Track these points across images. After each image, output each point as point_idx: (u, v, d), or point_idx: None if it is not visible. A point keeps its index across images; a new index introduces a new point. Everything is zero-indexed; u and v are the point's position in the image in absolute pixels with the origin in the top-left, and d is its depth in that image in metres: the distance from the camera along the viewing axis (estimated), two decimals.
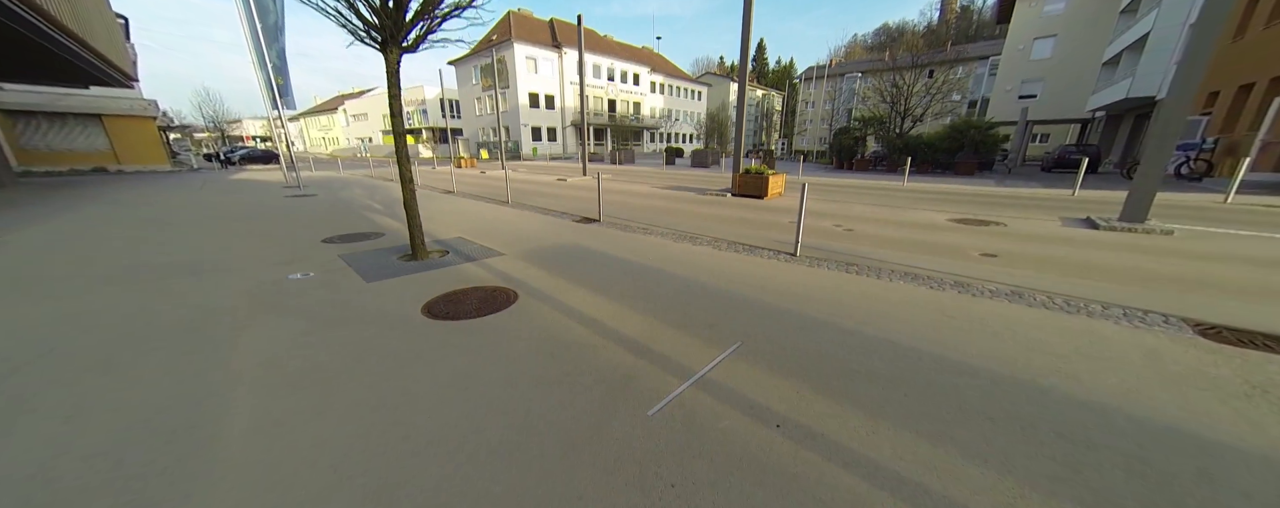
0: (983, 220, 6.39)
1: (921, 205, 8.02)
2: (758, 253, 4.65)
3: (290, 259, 4.21)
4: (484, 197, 9.97)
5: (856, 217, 6.84)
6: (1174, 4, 16.52)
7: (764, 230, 5.86)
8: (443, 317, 2.79)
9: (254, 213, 7.35)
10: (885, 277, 3.77)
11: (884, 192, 10.46)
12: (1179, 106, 5.23)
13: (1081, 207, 7.73)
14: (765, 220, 6.60)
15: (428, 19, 3.59)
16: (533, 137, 33.59)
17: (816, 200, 8.66)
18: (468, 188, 12.10)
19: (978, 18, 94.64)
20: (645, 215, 7.15)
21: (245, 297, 3.14)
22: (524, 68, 31.48)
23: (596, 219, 6.72)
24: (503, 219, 6.76)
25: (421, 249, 4.19)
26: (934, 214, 7.01)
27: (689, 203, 8.64)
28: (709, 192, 10.07)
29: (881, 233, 5.66)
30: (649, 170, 19.37)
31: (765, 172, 8.95)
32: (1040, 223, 6.17)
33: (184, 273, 3.77)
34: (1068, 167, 17.45)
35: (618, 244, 4.95)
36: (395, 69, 3.65)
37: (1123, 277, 3.76)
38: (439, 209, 7.80)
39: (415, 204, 4.06)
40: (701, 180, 13.97)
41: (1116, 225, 5.49)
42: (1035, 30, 27.60)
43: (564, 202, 8.97)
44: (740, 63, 8.84)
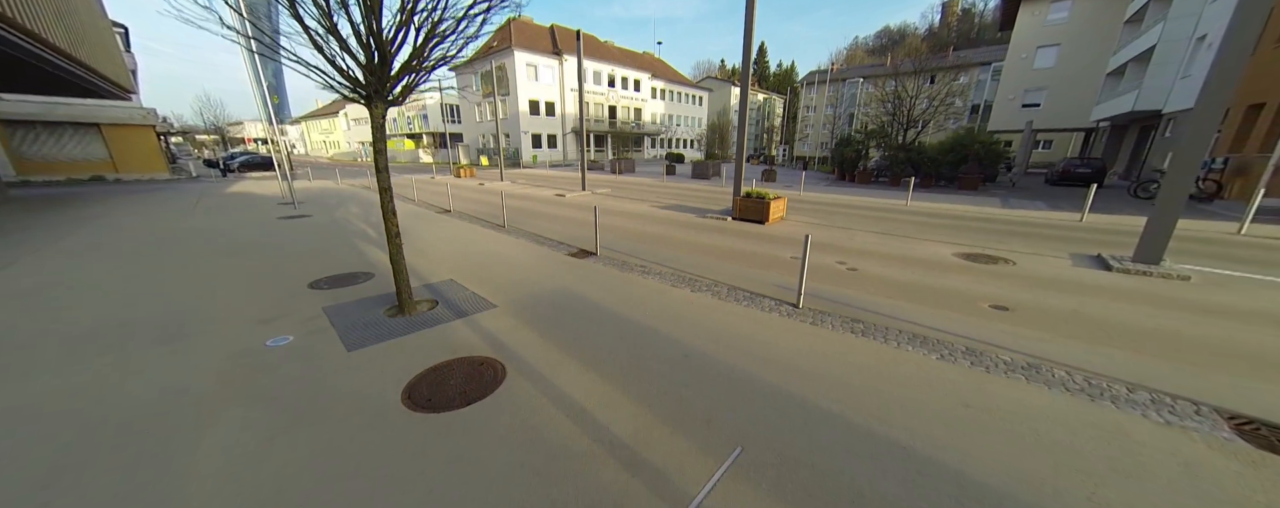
0: (990, 257, 6.20)
1: (927, 234, 7.84)
2: (759, 302, 4.48)
3: (272, 315, 4.04)
4: (481, 217, 9.81)
5: (860, 250, 6.66)
6: (1180, 18, 16.34)
7: (765, 269, 5.68)
8: (424, 406, 2.62)
9: (244, 242, 7.19)
10: (893, 339, 3.59)
11: (887, 214, 10.27)
12: (1199, 139, 5.04)
13: (1091, 236, 7.55)
14: (767, 255, 6.42)
15: (413, 73, 3.43)
16: (533, 144, 33.47)
17: (818, 228, 8.49)
18: (465, 205, 11.95)
19: (979, 20, 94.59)
20: (643, 246, 6.97)
21: (215, 376, 2.97)
22: (524, 75, 31.38)
23: (593, 252, 6.55)
24: (497, 252, 6.59)
25: (408, 303, 4.02)
26: (940, 247, 6.83)
27: (689, 229, 8.46)
28: (709, 214, 9.90)
29: (886, 273, 5.48)
30: (649, 182, 19.21)
31: (767, 196, 8.78)
32: (1050, 261, 5.98)
33: (156, 336, 3.60)
34: (1073, 181, 17.27)
35: (613, 291, 4.78)
36: (381, 123, 3.48)
37: (1144, 341, 3.58)
38: (433, 236, 7.63)
39: (402, 259, 3.89)
40: (701, 196, 13.81)
41: (1130, 268, 5.30)
42: (1038, 39, 27.40)
43: (561, 225, 8.80)
44: (742, 85, 8.67)
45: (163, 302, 4.40)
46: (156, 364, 3.12)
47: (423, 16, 3.19)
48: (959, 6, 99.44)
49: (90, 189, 16.47)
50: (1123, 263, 5.47)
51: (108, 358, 3.21)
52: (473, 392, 2.77)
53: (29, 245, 6.79)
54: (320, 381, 2.91)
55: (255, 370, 3.03)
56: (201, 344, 3.43)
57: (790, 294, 4.65)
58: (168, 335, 3.58)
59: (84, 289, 4.80)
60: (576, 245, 7.02)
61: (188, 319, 3.94)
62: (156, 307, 4.26)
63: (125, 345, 3.42)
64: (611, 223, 9.05)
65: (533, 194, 14.56)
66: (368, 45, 3.14)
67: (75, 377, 2.96)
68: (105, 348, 3.37)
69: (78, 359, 3.20)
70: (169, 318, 3.97)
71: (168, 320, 3.91)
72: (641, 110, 41.20)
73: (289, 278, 5.19)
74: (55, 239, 7.25)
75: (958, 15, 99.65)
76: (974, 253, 6.44)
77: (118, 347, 3.39)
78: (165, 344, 3.42)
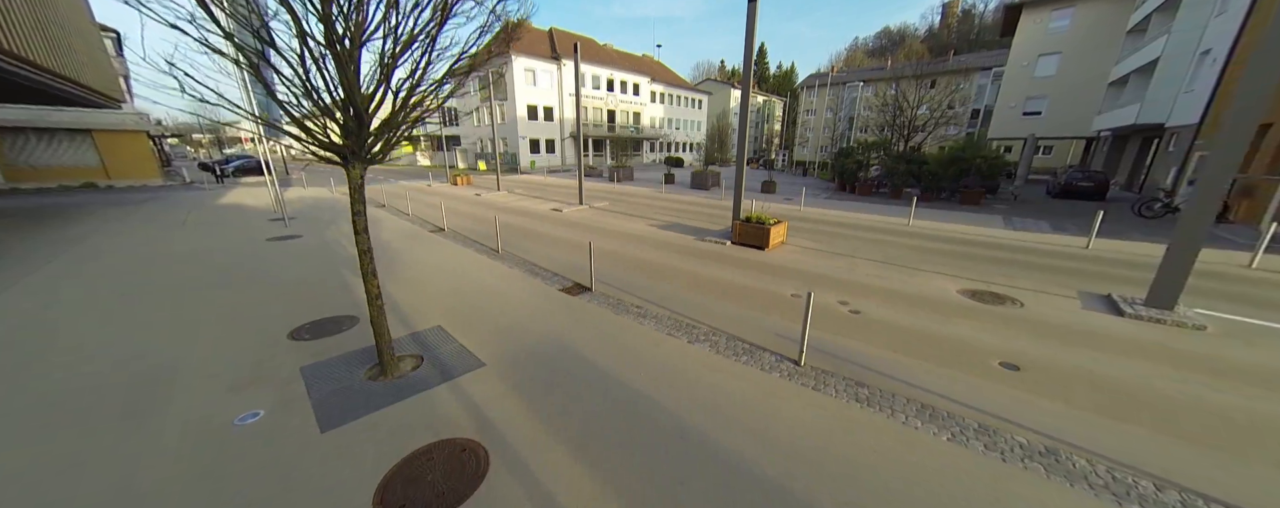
0: (997, 296, 6.02)
1: (929, 263, 7.65)
2: (759, 357, 4.29)
3: (246, 378, 3.83)
4: (475, 239, 9.59)
5: (862, 285, 6.47)
6: (1185, 32, 16.20)
7: (766, 311, 5.48)
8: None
9: (229, 272, 6.97)
10: (901, 410, 3.40)
11: (888, 237, 10.09)
12: (1223, 171, 4.80)
13: (1099, 269, 7.36)
14: (767, 293, 6.23)
15: (391, 131, 3.22)
16: (531, 149, 33.23)
17: (819, 256, 8.29)
18: (460, 221, 11.72)
19: (979, 21, 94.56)
20: (639, 278, 6.77)
21: (171, 465, 2.76)
22: (522, 80, 31.14)
23: (587, 287, 6.35)
24: (489, 287, 6.39)
25: (391, 364, 3.82)
26: (944, 281, 6.65)
27: (686, 255, 8.26)
28: (708, 237, 9.70)
29: (890, 317, 5.29)
30: (647, 193, 19.00)
31: (766, 222, 8.58)
32: (1058, 302, 5.80)
33: (116, 408, 3.38)
34: (1075, 195, 17.13)
35: (606, 341, 4.58)
36: (360, 184, 3.28)
37: (1165, 413, 3.39)
38: (425, 264, 7.42)
39: (383, 320, 3.68)
40: (700, 212, 13.61)
41: (1142, 314, 5.12)
42: (1040, 47, 27.25)
43: (556, 250, 8.59)
44: (741, 113, 8.47)
45: (133, 356, 4.19)
46: (108, 449, 2.91)
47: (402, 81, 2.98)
48: (959, 8, 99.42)
49: (81, 199, 16.21)
50: (1134, 307, 5.29)
51: (55, 441, 3.00)
52: (452, 490, 2.56)
53: (2, 279, 6.56)
54: (287, 473, 2.71)
55: (218, 459, 2.82)
56: (164, 420, 3.22)
57: (792, 347, 4.46)
58: (129, 407, 3.37)
59: (50, 339, 4.59)
60: (571, 279, 6.81)
61: (156, 381, 3.73)
62: (125, 364, 4.05)
63: (82, 420, 3.21)
64: (607, 247, 8.85)
65: (529, 208, 14.35)
66: (345, 108, 2.94)
67: (10, 464, 2.75)
68: (56, 424, 3.16)
69: (21, 441, 2.99)
70: (136, 379, 3.76)
71: (135, 382, 3.70)
72: (640, 114, 40.99)
73: (271, 323, 4.98)
74: (32, 269, 7.02)
75: (958, 16, 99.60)
76: (979, 290, 6.26)
77: (72, 422, 3.18)
78: (126, 418, 3.21)
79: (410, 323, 5.03)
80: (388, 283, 6.42)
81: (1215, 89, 13.59)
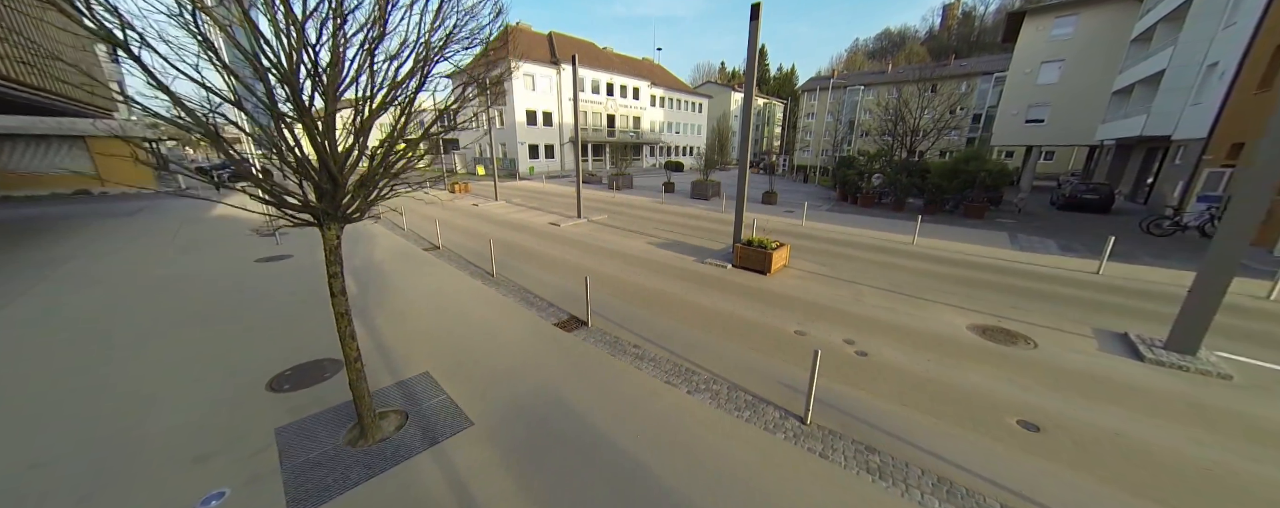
0: (1009, 333, 5.79)
1: (937, 292, 7.43)
2: (762, 412, 4.06)
3: (217, 445, 3.60)
4: (470, 260, 9.35)
5: (869, 320, 6.24)
6: (1191, 43, 15.99)
7: (770, 353, 5.25)
8: None
9: (212, 302, 6.73)
10: (915, 485, 3.18)
11: (893, 258, 9.86)
12: (1258, 200, 4.41)
13: (1112, 300, 7.13)
14: (771, 329, 6.00)
15: (370, 188, 2.99)
16: (530, 154, 33.00)
17: (823, 283, 8.06)
18: (455, 237, 11.49)
19: (980, 23, 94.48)
20: (638, 310, 6.54)
21: None
22: (521, 85, 30.90)
23: (584, 321, 6.12)
24: (482, 321, 6.15)
25: (372, 426, 3.58)
26: (953, 315, 6.42)
27: (686, 281, 8.03)
28: (708, 259, 9.46)
29: (899, 360, 5.07)
30: (646, 203, 18.77)
31: (768, 245, 8.36)
32: (1073, 341, 5.57)
33: (68, 495, 3.13)
34: (1080, 207, 16.91)
35: (602, 393, 4.35)
36: (335, 245, 3.05)
37: (1203, 491, 3.16)
38: (416, 291, 7.17)
39: (362, 384, 3.45)
40: (700, 228, 13.38)
41: (1163, 359, 4.89)
42: (1042, 54, 27.04)
43: (553, 273, 8.35)
44: (742, 134, 8.25)
45: (98, 418, 3.95)
46: None
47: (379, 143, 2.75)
48: (959, 9, 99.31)
49: (73, 208, 15.96)
50: (1155, 350, 5.06)
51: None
52: None
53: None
54: None
55: None
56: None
57: (797, 399, 4.23)
58: (83, 492, 3.10)
59: (15, 395, 4.35)
60: (567, 310, 6.58)
61: (119, 453, 3.49)
62: (88, 428, 3.81)
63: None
64: (605, 271, 8.62)
65: (526, 222, 14.11)
66: (319, 169, 2.71)
67: None
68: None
69: None
70: (97, 452, 3.51)
71: (95, 455, 3.46)
72: (640, 119, 40.77)
73: (250, 368, 4.74)
74: (7, 300, 6.78)
75: (958, 18, 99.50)
76: (990, 326, 6.03)
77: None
78: (81, 505, 2.97)
79: (397, 369, 4.80)
80: (377, 316, 6.19)
81: (1224, 103, 13.38)
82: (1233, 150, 12.57)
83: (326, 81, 2.66)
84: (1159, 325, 6.04)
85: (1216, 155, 13.12)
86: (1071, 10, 26.17)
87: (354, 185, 2.97)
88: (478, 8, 3.20)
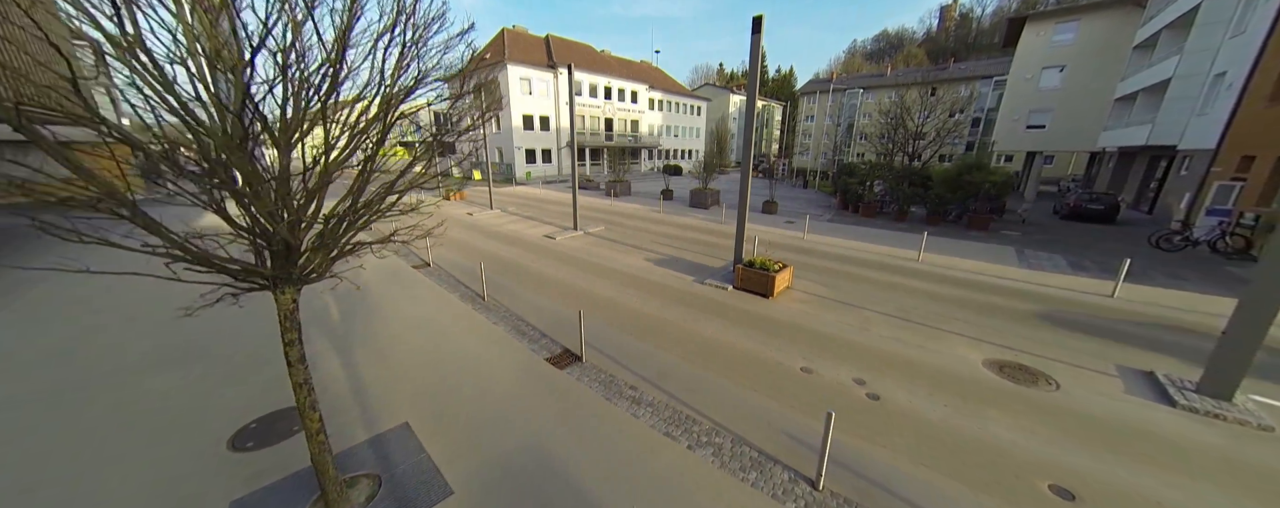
0: (1028, 371, 5.47)
1: (948, 320, 7.11)
2: (769, 473, 3.73)
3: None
4: (461, 280, 8.97)
5: (878, 353, 5.92)
6: (1197, 52, 15.75)
7: (776, 395, 4.92)
8: None
9: (177, 340, 6.33)
10: None
11: (899, 278, 9.55)
12: None
13: (1132, 329, 6.82)
14: (777, 365, 5.66)
15: (334, 248, 2.64)
16: (527, 159, 32.60)
17: (828, 307, 7.73)
18: (447, 252, 11.10)
19: (977, 25, 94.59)
20: (635, 342, 6.19)
21: None
22: (518, 89, 30.52)
23: (578, 355, 5.78)
24: (469, 357, 5.80)
25: (338, 499, 3.23)
26: (966, 347, 6.10)
27: (685, 306, 7.69)
28: (708, 278, 9.11)
29: (913, 405, 4.74)
30: (644, 212, 18.43)
31: (770, 268, 8.03)
32: (1097, 381, 5.26)
33: None
34: (1084, 218, 16.67)
35: (597, 453, 4.00)
36: (290, 310, 2.69)
37: None
38: (401, 319, 6.80)
39: (326, 457, 3.09)
40: (699, 239, 13.04)
41: (1197, 406, 4.58)
42: (1043, 60, 26.86)
43: (547, 296, 7.99)
44: (744, 147, 7.92)
45: (36, 488, 3.57)
46: None
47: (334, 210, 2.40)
48: (956, 11, 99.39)
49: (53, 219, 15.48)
50: (1186, 394, 4.75)
51: None
52: None
53: None
54: None
55: None
56: None
57: (807, 456, 3.90)
58: None
59: None
60: (560, 342, 6.23)
61: None
62: (23, 504, 3.43)
63: None
64: (601, 293, 8.27)
65: (521, 234, 13.75)
66: (270, 235, 2.35)
67: None
68: None
69: None
70: None
71: None
72: (639, 122, 40.43)
73: (212, 420, 4.37)
74: None
75: (955, 20, 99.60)
76: (1006, 362, 5.71)
77: None
78: None
79: (374, 419, 4.44)
80: (359, 353, 5.83)
81: (1233, 114, 13.14)
82: (1243, 163, 12.31)
83: (278, 132, 2.30)
84: (1183, 361, 5.74)
85: (1226, 168, 12.87)
86: (1073, 16, 25.99)
87: (311, 244, 2.62)
88: (451, 42, 2.85)
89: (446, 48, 2.82)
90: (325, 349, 5.86)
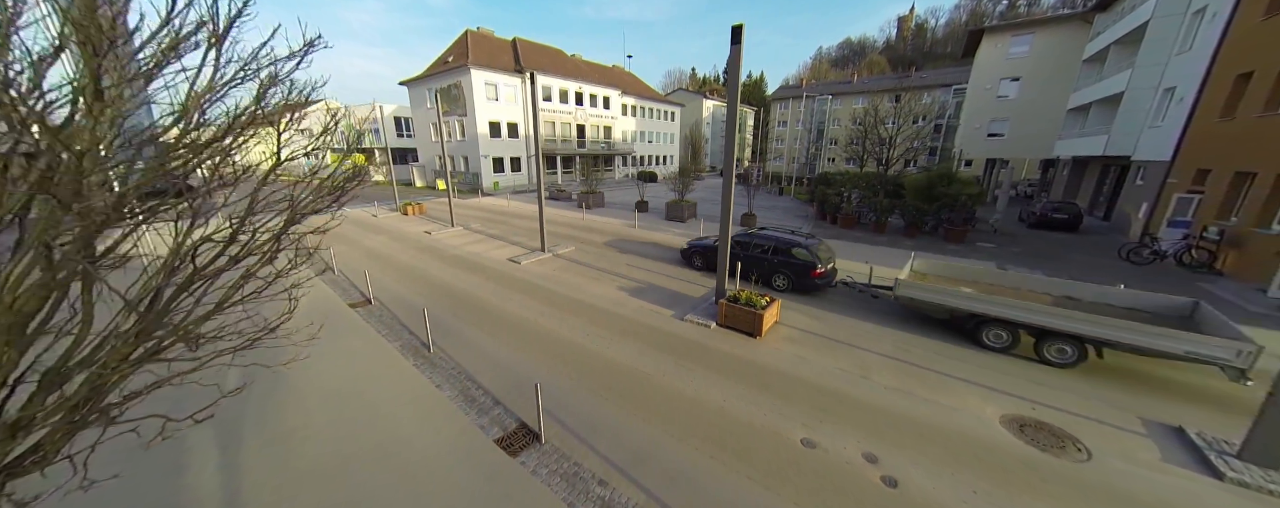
0: (1053, 433, 4.86)
1: (948, 358, 6.51)
2: None
3: None
4: (404, 321, 7.65)
5: (886, 414, 5.18)
6: (1147, 67, 16.38)
7: (777, 482, 4.05)
8: None
9: None
10: None
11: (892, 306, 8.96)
12: None
13: (1141, 368, 6.42)
14: (772, 434, 4.81)
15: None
16: (494, 168, 30.96)
17: (822, 348, 6.99)
18: (395, 283, 9.70)
19: (932, 35, 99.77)
20: (605, 405, 5.20)
21: None
22: (482, 95, 28.92)
23: (536, 433, 4.73)
24: (397, 442, 4.64)
25: None
26: (979, 402, 5.46)
27: (664, 351, 6.76)
28: (690, 313, 8.20)
29: (940, 492, 3.99)
30: (618, 228, 17.45)
31: (757, 304, 7.23)
32: (1128, 443, 4.69)
33: None
34: (1050, 226, 17.02)
35: None
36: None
37: None
38: (317, 387, 5.51)
39: None
40: (678, 259, 12.17)
41: (1247, 478, 4.04)
42: (1001, 71, 27.92)
43: (505, 343, 6.85)
44: (725, 181, 7.10)
45: None
46: None
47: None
48: (913, 22, 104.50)
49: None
50: (1228, 463, 4.22)
51: None
52: None
53: None
54: None
55: None
56: None
57: None
58: None
59: None
60: (516, 414, 5.16)
61: None
62: None
63: None
64: (567, 334, 7.22)
65: (482, 258, 12.47)
66: None
67: None
68: None
69: None
70: None
71: None
72: (612, 128, 39.46)
73: None
74: None
75: (912, 30, 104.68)
76: (1026, 419, 5.09)
77: None
78: None
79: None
80: (252, 442, 4.56)
81: (1186, 127, 13.57)
82: (1199, 176, 12.67)
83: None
84: (1204, 407, 5.30)
85: (1182, 180, 13.24)
86: (1026, 30, 27.14)
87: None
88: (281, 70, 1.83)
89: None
90: (198, 447, 4.53)
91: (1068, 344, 6.10)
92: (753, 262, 9.42)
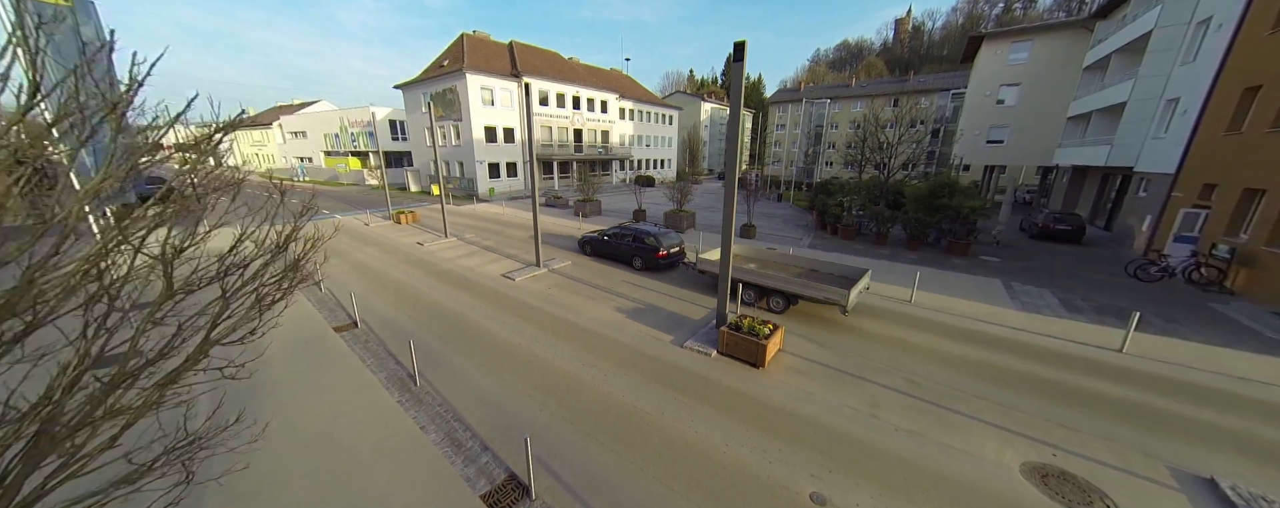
0: (1077, 485, 4.57)
1: (960, 393, 6.23)
2: None
3: None
4: (391, 349, 7.27)
5: (900, 461, 4.88)
6: (1150, 77, 16.21)
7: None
8: None
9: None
10: None
11: (899, 327, 8.72)
12: None
13: (1163, 403, 6.14)
14: (779, 487, 4.50)
15: None
16: (490, 173, 30.57)
17: (829, 381, 6.69)
18: (383, 301, 9.33)
19: (929, 38, 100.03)
20: (600, 451, 4.87)
21: None
22: (478, 100, 28.53)
23: (526, 487, 4.40)
24: (371, 499, 4.28)
25: None
26: (997, 446, 5.17)
27: (664, 385, 6.44)
28: (689, 340, 7.88)
29: None
30: None
31: (759, 333, 6.92)
32: (1160, 499, 4.40)
33: None
34: (1053, 237, 16.82)
35: None
36: None
37: None
38: (290, 432, 5.14)
39: None
40: (677, 276, 11.85)
41: None
42: (1000, 78, 27.78)
43: (496, 373, 6.50)
44: (725, 209, 6.79)
45: None
46: None
47: None
48: (909, 24, 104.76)
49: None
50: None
51: None
52: None
53: None
54: None
55: None
56: None
57: None
58: None
59: None
60: (505, 463, 4.82)
61: None
62: None
63: None
64: (562, 365, 6.88)
65: (475, 273, 12.11)
66: None
67: None
68: None
69: None
70: None
71: None
72: (609, 132, 39.14)
73: None
74: None
75: (909, 33, 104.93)
76: (1048, 469, 4.80)
77: None
78: None
79: None
80: (213, 498, 4.18)
81: (1191, 140, 13.37)
82: (1205, 191, 12.47)
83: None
84: (1232, 452, 5.03)
85: (1187, 194, 13.04)
86: (1026, 37, 27.01)
87: None
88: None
89: None
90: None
91: (781, 298, 8.89)
92: (620, 248, 12.80)
